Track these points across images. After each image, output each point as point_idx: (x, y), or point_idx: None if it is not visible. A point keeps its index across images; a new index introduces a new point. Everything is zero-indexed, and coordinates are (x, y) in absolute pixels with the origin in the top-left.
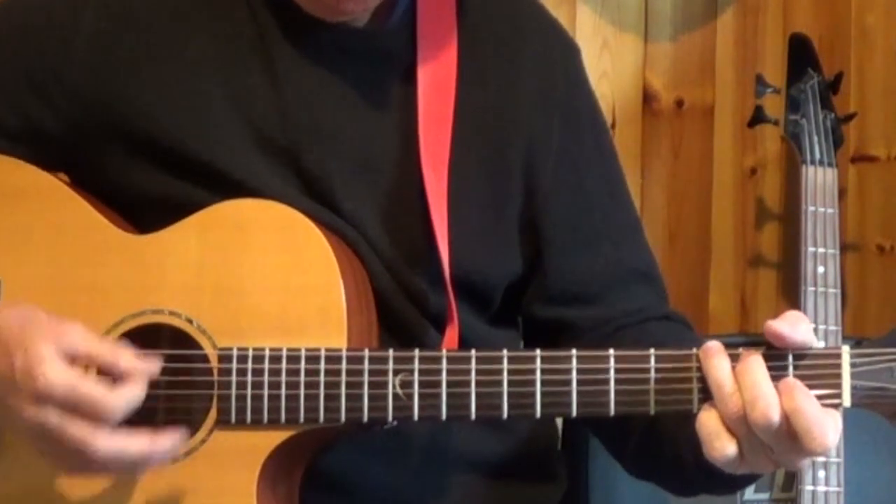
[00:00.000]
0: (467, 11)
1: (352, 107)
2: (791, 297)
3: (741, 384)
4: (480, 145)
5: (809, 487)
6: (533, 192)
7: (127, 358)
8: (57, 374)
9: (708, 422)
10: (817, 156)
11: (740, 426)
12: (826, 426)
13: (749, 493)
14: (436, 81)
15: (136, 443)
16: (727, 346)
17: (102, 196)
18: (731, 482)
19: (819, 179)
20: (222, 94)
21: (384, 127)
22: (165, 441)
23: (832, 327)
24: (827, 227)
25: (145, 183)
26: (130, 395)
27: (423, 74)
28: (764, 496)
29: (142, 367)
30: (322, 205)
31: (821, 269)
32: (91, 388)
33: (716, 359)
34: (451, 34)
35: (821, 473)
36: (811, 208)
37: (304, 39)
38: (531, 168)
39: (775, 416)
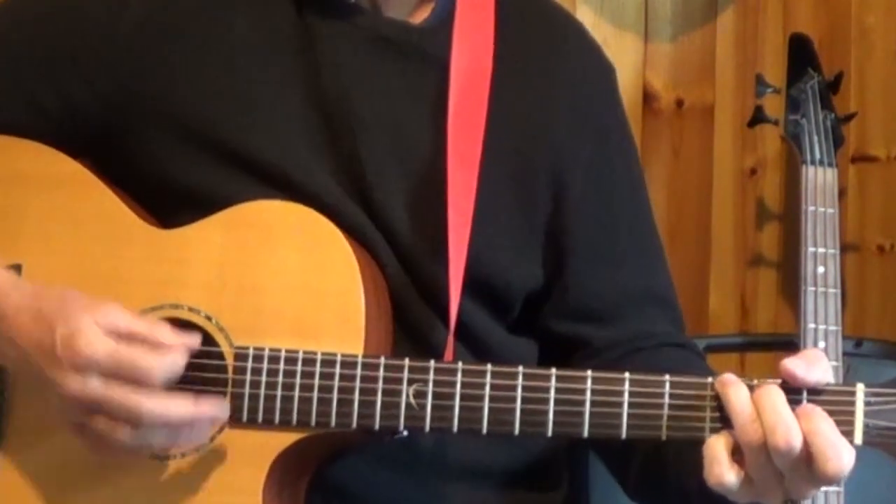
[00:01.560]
0: (507, 18)
1: (387, 97)
2: (791, 297)
3: (760, 410)
4: (511, 150)
5: None
6: (560, 203)
7: (166, 332)
8: (99, 342)
9: (714, 445)
10: (817, 156)
11: (759, 454)
12: (842, 449)
13: None
14: (469, 83)
15: (180, 405)
16: (727, 346)
17: (126, 183)
18: None
19: (819, 179)
20: (262, 80)
21: (416, 120)
22: (208, 406)
23: (832, 327)
24: (827, 227)
25: (175, 169)
26: (172, 361)
27: (456, 75)
28: None
29: (182, 340)
30: (353, 190)
31: (821, 269)
32: (132, 352)
33: (734, 387)
34: (488, 40)
35: None
36: (811, 208)
37: (343, 28)
38: (559, 178)
39: (796, 441)
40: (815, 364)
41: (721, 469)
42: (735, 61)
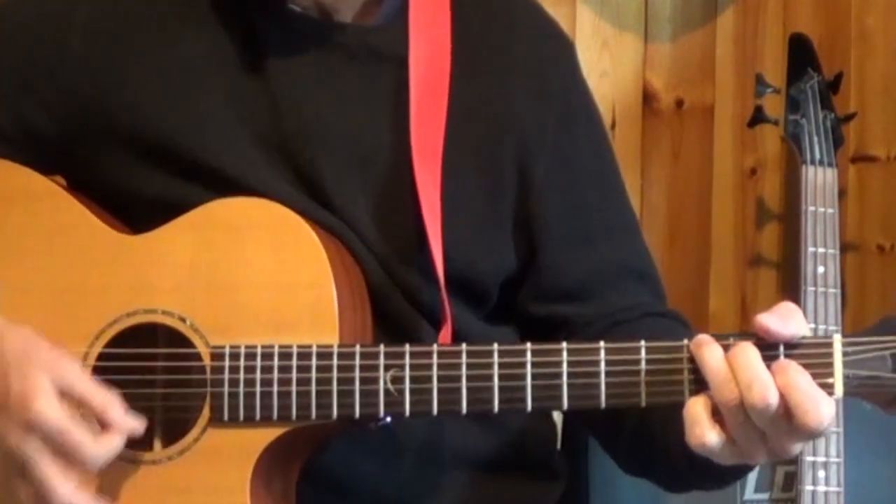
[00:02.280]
0: (461, 7)
1: (343, 103)
2: (791, 297)
3: (735, 369)
4: (474, 141)
5: (809, 487)
6: (527, 188)
7: (117, 411)
8: (51, 410)
9: (693, 408)
10: (817, 156)
11: (737, 413)
12: (819, 400)
13: (749, 493)
14: (428, 77)
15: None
16: (720, 338)
17: (98, 197)
18: (720, 477)
19: (819, 179)
20: (214, 91)
21: (376, 123)
22: None
23: (832, 327)
24: (827, 227)
25: (139, 181)
26: (112, 446)
27: (416, 70)
28: (764, 496)
29: (128, 424)
30: (315, 201)
31: (821, 269)
32: (79, 434)
33: (708, 347)
34: (444, 30)
35: (821, 473)
36: (811, 208)
37: (295, 36)
38: (524, 163)
39: (772, 398)
40: (790, 318)
41: (702, 430)
42: (735, 61)
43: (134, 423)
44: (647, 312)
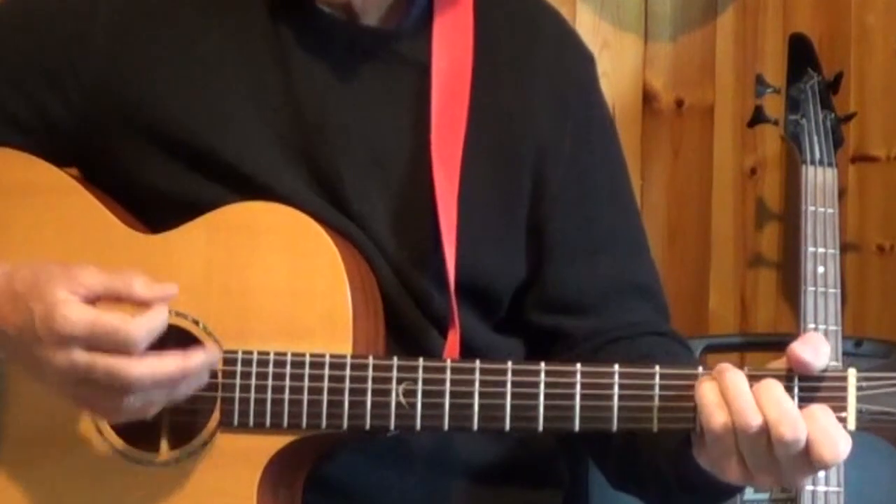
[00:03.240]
0: (484, 15)
1: (364, 105)
2: (791, 297)
3: (762, 403)
4: (492, 148)
5: (809, 487)
6: (540, 197)
7: (142, 285)
8: (75, 313)
9: (707, 394)
10: (817, 156)
11: (757, 442)
12: (838, 437)
13: (749, 493)
14: (450, 83)
15: (168, 364)
16: (727, 346)
17: (114, 192)
18: (711, 497)
19: (819, 179)
20: (236, 89)
21: (396, 127)
22: (198, 356)
23: (832, 327)
24: (827, 227)
25: (157, 178)
26: (152, 319)
27: (437, 76)
28: (764, 496)
29: (159, 291)
30: (332, 203)
31: (821, 269)
32: (111, 320)
33: (731, 373)
34: (467, 37)
35: (821, 473)
36: (811, 208)
37: (318, 36)
38: (540, 172)
39: (802, 435)
40: (820, 349)
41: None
42: (735, 61)
43: (165, 288)
44: (648, 331)
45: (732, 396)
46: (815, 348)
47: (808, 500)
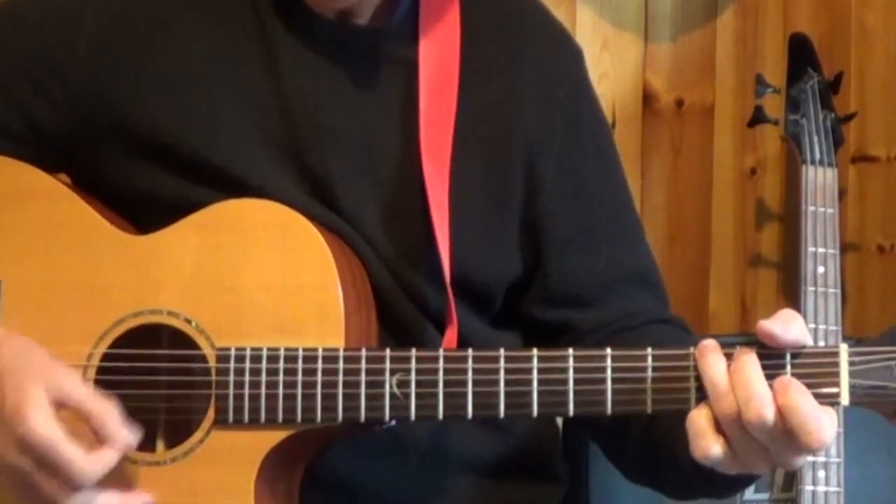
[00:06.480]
0: (471, 10)
1: (353, 104)
2: (791, 297)
3: (735, 383)
4: (482, 144)
5: (809, 487)
6: (533, 193)
7: (113, 424)
8: (41, 427)
9: (696, 419)
10: (817, 156)
11: (735, 426)
12: (822, 422)
13: (749, 493)
14: (438, 80)
15: (111, 499)
16: (726, 345)
17: (104, 197)
18: (729, 484)
19: (819, 179)
20: (225, 91)
21: (386, 125)
22: (142, 497)
23: (832, 327)
24: (827, 227)
25: (146, 181)
26: (104, 462)
27: (425, 73)
28: (764, 496)
29: (124, 439)
30: (322, 203)
31: (821, 269)
32: (70, 452)
33: (711, 357)
34: (454, 34)
35: (821, 473)
36: (811, 208)
37: (307, 37)
38: (532, 168)
39: (769, 415)
40: (790, 322)
41: (706, 442)
42: (735, 61)
43: (130, 439)
44: (652, 319)
45: (707, 381)
46: (785, 322)
47: (808, 500)
